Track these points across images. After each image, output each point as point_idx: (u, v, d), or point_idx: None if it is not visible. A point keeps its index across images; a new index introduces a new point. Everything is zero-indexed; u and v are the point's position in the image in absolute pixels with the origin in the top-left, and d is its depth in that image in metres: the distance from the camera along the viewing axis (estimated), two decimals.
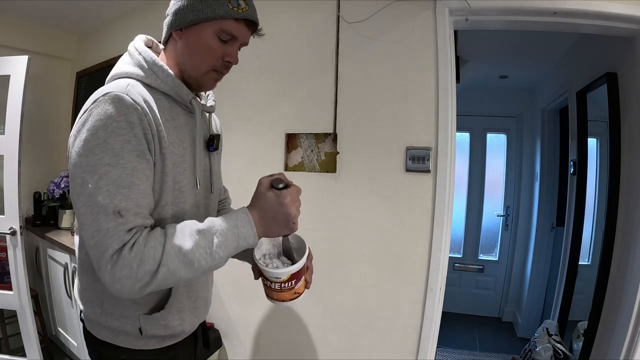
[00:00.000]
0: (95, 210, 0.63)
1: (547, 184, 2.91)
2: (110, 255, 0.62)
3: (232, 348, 1.81)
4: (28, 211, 2.41)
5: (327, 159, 1.60)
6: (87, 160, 0.64)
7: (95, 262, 0.64)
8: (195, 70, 0.79)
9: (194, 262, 0.66)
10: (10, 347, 2.14)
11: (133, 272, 0.62)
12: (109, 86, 0.71)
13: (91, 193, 0.64)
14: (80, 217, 0.66)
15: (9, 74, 1.86)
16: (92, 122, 0.65)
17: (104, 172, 0.64)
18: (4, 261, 1.92)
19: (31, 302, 1.93)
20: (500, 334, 3.11)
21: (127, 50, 0.80)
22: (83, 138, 0.65)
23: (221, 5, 0.73)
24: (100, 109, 0.66)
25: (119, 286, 0.63)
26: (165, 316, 0.79)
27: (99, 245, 0.63)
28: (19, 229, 1.86)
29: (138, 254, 0.63)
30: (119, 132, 0.66)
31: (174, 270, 0.65)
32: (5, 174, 1.87)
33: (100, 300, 0.78)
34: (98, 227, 0.63)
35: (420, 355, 1.42)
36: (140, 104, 0.69)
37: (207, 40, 0.76)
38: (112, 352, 0.80)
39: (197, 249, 0.66)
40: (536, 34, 2.01)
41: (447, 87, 1.39)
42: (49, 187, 2.35)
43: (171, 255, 0.65)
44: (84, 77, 2.64)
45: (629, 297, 1.39)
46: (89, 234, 0.64)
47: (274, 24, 1.69)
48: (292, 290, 0.77)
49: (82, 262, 0.81)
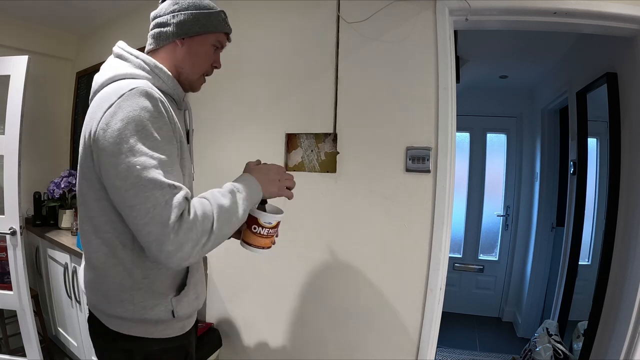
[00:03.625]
0: (150, 187, 0.69)
1: (547, 184, 2.91)
2: (173, 224, 0.68)
3: (232, 348, 1.81)
4: (28, 211, 2.40)
5: (327, 159, 1.60)
6: (128, 147, 0.70)
7: (154, 237, 0.68)
8: (193, 73, 0.93)
9: (232, 217, 0.77)
10: (10, 347, 2.14)
11: (195, 234, 0.70)
12: (129, 82, 0.78)
13: (139, 174, 0.69)
14: (129, 199, 0.69)
15: (9, 74, 1.86)
16: (126, 113, 0.71)
17: (149, 154, 0.70)
18: (4, 261, 1.92)
19: (31, 302, 1.93)
20: (500, 334, 3.11)
21: (118, 55, 0.89)
22: (118, 127, 0.71)
23: (220, 22, 0.92)
24: (131, 101, 0.73)
25: (181, 254, 0.69)
26: (187, 292, 0.89)
27: (158, 218, 0.68)
28: (19, 229, 1.86)
29: (196, 218, 0.71)
30: (153, 120, 0.73)
31: (222, 226, 0.74)
32: (5, 174, 1.86)
33: (132, 297, 0.82)
34: (154, 201, 0.68)
35: (420, 355, 1.42)
36: (162, 98, 0.78)
37: (206, 49, 0.92)
38: (144, 345, 0.85)
39: (233, 205, 0.77)
40: (536, 34, 2.01)
41: (447, 87, 1.39)
42: (49, 187, 2.35)
43: (219, 213, 0.74)
44: (84, 77, 2.64)
45: (629, 297, 1.39)
46: (143, 212, 0.68)
47: (274, 24, 1.69)
48: (272, 237, 0.95)
49: (105, 264, 0.83)
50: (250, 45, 1.74)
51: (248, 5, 1.73)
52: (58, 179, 2.35)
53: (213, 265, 1.84)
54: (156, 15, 0.92)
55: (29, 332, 1.91)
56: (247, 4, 1.73)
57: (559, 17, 1.33)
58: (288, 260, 1.65)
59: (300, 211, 1.61)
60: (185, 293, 0.88)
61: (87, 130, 0.78)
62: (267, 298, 1.71)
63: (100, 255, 0.82)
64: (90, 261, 0.85)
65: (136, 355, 0.85)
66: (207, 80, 1.13)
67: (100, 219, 0.80)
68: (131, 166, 0.69)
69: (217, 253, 1.80)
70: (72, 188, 2.40)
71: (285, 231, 1.63)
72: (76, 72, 2.71)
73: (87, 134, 0.78)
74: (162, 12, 0.91)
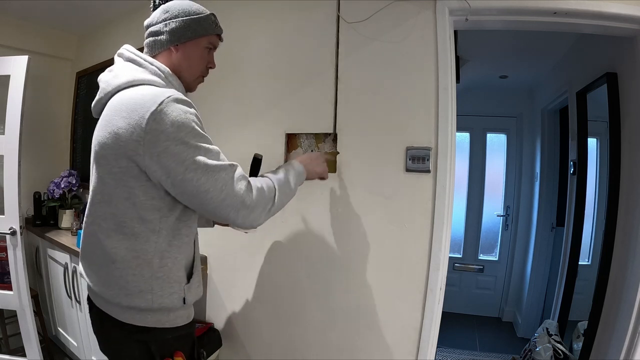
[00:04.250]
0: (216, 171, 0.84)
1: (547, 184, 2.91)
2: (246, 192, 0.88)
3: (232, 348, 1.81)
4: (28, 211, 2.41)
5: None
6: (185, 147, 0.82)
7: (233, 208, 0.86)
8: (191, 75, 1.00)
9: (287, 189, 1.02)
10: (10, 347, 2.14)
11: (263, 200, 0.91)
12: (154, 90, 0.86)
13: (205, 164, 0.83)
14: (202, 186, 0.83)
15: (9, 74, 1.86)
16: (174, 117, 0.81)
17: (205, 148, 0.85)
18: (4, 261, 1.92)
19: (31, 302, 1.93)
20: (500, 334, 3.11)
21: (130, 59, 0.94)
22: (172, 131, 0.81)
23: (210, 25, 0.99)
24: (173, 107, 0.82)
25: (254, 215, 0.90)
26: (194, 280, 0.99)
27: (232, 191, 0.86)
28: (19, 229, 1.86)
29: (262, 188, 0.92)
30: (196, 122, 0.86)
31: (281, 195, 0.98)
32: (5, 174, 1.87)
33: (150, 286, 0.89)
34: (224, 180, 0.85)
35: (420, 355, 1.42)
36: (191, 103, 0.88)
37: (200, 52, 0.99)
38: (157, 335, 0.92)
39: (287, 181, 1.02)
40: (536, 34, 2.01)
41: (447, 87, 1.39)
42: (49, 187, 2.35)
43: (279, 185, 0.98)
44: (84, 77, 2.64)
45: (629, 297, 1.39)
46: (217, 191, 0.84)
47: (274, 24, 1.69)
48: None
49: (124, 258, 0.88)
50: (250, 45, 1.74)
51: (248, 5, 1.73)
52: (58, 179, 2.35)
53: (213, 265, 1.84)
54: (149, 24, 0.98)
55: (29, 332, 1.92)
56: (247, 3, 1.73)
57: (559, 17, 1.32)
58: (288, 260, 1.65)
59: (300, 211, 1.61)
60: (193, 280, 0.98)
61: (122, 134, 0.82)
62: (267, 298, 1.71)
63: (121, 250, 0.88)
64: (108, 256, 0.89)
65: (151, 345, 0.91)
66: (207, 80, 1.13)
67: (127, 216, 0.87)
68: (197, 160, 0.82)
69: (217, 253, 1.81)
70: (72, 188, 2.40)
71: (285, 231, 1.64)
72: (76, 72, 2.71)
73: (124, 137, 0.83)
74: (155, 20, 0.97)
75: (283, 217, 1.59)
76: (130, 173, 0.84)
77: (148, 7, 1.12)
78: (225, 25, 1.07)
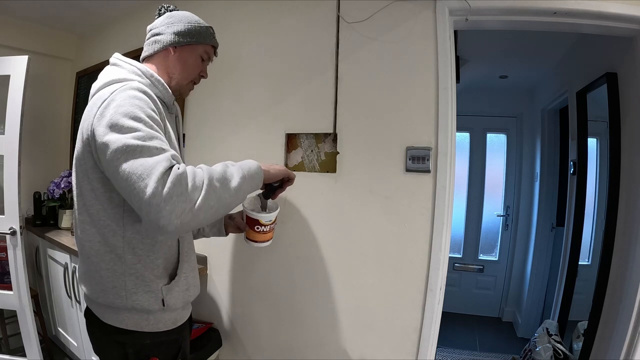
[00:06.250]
0: (139, 157, 0.71)
1: (547, 184, 2.91)
2: (161, 174, 0.69)
3: (232, 348, 1.81)
4: (28, 211, 2.41)
5: (327, 159, 1.60)
6: (119, 129, 0.74)
7: (137, 200, 0.70)
8: (184, 79, 1.03)
9: (229, 180, 0.80)
10: (10, 347, 2.14)
11: (184, 189, 0.71)
12: (123, 83, 0.86)
13: (132, 150, 0.72)
14: (125, 175, 0.71)
15: (9, 74, 1.86)
16: (118, 102, 0.78)
17: (138, 134, 0.74)
18: (4, 261, 1.92)
19: (31, 302, 1.93)
20: (500, 334, 3.11)
21: (112, 64, 0.97)
22: (109, 114, 0.76)
23: (208, 35, 1.05)
24: (123, 94, 0.80)
25: (170, 207, 0.68)
26: (178, 282, 0.94)
27: (150, 175, 0.69)
28: (19, 229, 1.86)
29: (184, 173, 0.72)
30: (142, 107, 0.79)
31: (214, 189, 0.76)
32: (5, 174, 1.87)
33: (124, 283, 0.87)
34: (144, 166, 0.70)
35: (420, 355, 1.42)
36: (153, 96, 0.87)
37: (195, 58, 1.03)
38: (136, 338, 0.89)
39: (226, 171, 0.82)
40: (536, 34, 2.01)
41: (447, 87, 1.39)
42: (49, 187, 2.35)
43: (209, 174, 0.77)
44: (84, 77, 2.64)
45: (629, 297, 1.39)
46: (137, 178, 0.70)
47: (274, 24, 1.69)
48: (272, 231, 1.09)
49: (98, 252, 0.87)
50: (250, 45, 1.74)
51: (248, 5, 1.73)
52: (58, 179, 2.35)
53: (213, 265, 1.84)
54: (152, 28, 1.03)
55: (28, 332, 1.92)
56: (247, 3, 1.73)
57: (559, 17, 1.32)
58: (288, 260, 1.65)
59: (300, 211, 1.61)
60: (176, 282, 0.93)
61: (84, 126, 0.84)
62: (266, 298, 1.71)
63: (95, 244, 0.87)
64: (84, 250, 0.90)
65: (128, 347, 0.89)
66: (207, 80, 1.14)
67: (94, 208, 0.86)
68: (124, 146, 0.72)
69: (217, 253, 1.81)
70: (72, 188, 2.39)
71: (285, 231, 1.64)
72: (76, 72, 2.71)
73: (84, 129, 0.84)
74: (158, 24, 1.02)
75: (283, 217, 1.59)
76: (89, 163, 0.84)
77: (148, 8, 1.13)
78: (226, 25, 1.08)
